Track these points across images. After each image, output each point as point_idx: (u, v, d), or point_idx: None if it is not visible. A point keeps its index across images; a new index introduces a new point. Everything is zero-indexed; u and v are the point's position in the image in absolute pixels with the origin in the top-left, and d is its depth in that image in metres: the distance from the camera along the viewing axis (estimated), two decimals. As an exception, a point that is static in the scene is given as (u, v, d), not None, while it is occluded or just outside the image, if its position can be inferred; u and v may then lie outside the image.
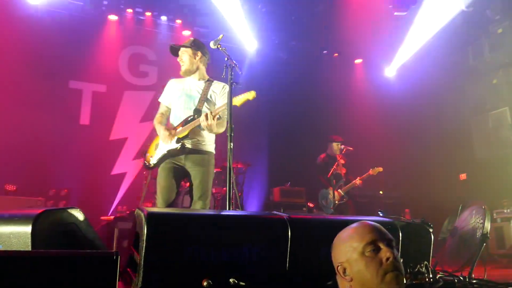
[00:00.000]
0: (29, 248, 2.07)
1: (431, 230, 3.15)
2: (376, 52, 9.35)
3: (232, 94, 3.58)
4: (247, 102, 3.77)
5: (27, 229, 2.13)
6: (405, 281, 1.45)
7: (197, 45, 4.06)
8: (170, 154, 3.82)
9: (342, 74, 9.85)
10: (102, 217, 7.15)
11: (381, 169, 6.78)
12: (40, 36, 7.66)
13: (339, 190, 6.71)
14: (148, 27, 8.83)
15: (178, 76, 4.19)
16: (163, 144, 3.86)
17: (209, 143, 3.95)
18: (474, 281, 3.35)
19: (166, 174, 3.80)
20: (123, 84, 8.73)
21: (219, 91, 4.02)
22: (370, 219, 2.18)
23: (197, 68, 4.07)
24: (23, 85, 7.46)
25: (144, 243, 2.13)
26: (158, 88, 8.82)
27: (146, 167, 4.01)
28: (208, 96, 3.98)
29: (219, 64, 3.79)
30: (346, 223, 1.82)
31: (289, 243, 2.52)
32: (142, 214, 2.22)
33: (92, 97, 8.37)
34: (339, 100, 9.32)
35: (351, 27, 8.56)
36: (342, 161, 6.88)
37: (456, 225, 4.30)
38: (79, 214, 2.42)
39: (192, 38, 4.17)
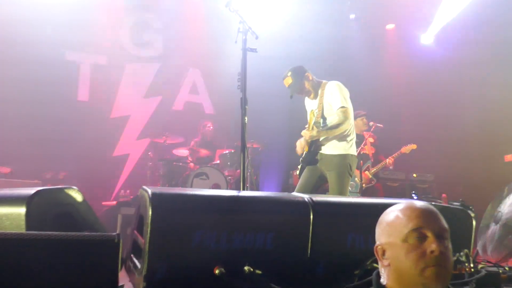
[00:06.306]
0: (23, 231, 2.09)
1: (472, 214, 3.09)
2: (411, 16, 9.11)
3: (246, 61, 3.54)
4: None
5: (21, 210, 2.15)
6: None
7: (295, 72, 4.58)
8: None
9: (371, 41, 9.65)
10: (103, 203, 7.24)
11: (414, 146, 6.65)
12: (33, 2, 7.63)
13: (366, 172, 6.63)
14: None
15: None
16: None
17: None
18: (521, 273, 3.30)
19: None
20: (125, 55, 8.69)
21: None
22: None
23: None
24: (14, 58, 7.45)
25: (149, 226, 2.12)
26: (163, 59, 8.89)
27: None
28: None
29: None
30: (377, 207, 1.78)
31: (310, 228, 2.49)
32: (146, 195, 2.21)
33: (91, 70, 8.37)
34: (367, 71, 9.15)
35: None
36: (371, 140, 6.77)
37: (501, 211, 4.23)
38: (77, 195, 2.44)
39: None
